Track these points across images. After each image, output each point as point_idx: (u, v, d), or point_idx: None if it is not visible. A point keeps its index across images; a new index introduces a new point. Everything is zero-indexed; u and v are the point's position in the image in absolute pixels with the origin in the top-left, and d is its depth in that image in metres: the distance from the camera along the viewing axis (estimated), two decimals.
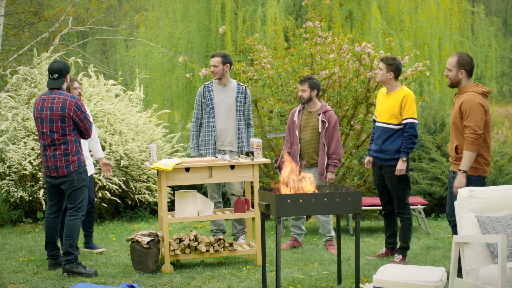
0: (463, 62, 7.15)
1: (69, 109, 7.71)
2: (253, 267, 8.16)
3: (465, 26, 22.54)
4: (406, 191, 8.39)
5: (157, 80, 21.62)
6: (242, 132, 9.34)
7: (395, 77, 8.34)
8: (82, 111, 7.78)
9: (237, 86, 9.37)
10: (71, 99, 7.74)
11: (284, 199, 6.52)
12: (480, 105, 6.98)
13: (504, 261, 5.59)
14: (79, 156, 7.85)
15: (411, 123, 8.18)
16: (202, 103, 9.32)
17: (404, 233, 8.44)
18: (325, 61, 11.00)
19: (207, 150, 9.25)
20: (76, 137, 7.85)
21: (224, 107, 9.28)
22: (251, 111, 9.53)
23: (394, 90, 8.34)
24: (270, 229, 10.93)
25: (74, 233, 7.84)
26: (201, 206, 8.43)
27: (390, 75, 8.33)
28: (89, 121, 7.90)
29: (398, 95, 8.26)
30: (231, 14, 19.33)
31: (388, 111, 8.31)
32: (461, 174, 7.02)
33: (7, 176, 11.20)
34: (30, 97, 11.98)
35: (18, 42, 17.68)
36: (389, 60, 8.34)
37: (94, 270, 7.82)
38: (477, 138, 6.94)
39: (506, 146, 14.21)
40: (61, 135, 7.75)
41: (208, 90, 9.30)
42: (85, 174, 7.92)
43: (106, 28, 19.30)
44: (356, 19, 19.12)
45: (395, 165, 8.26)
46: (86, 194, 7.96)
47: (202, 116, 9.35)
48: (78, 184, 7.86)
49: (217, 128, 9.25)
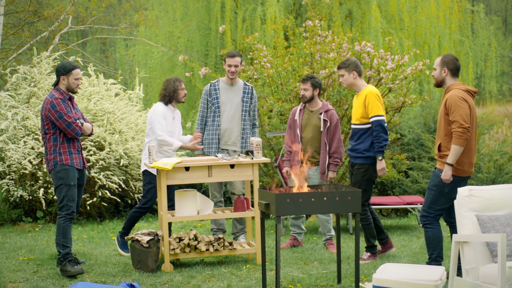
0: (446, 61, 7.24)
1: (45, 108, 7.80)
2: (253, 266, 8.17)
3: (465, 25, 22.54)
4: (367, 192, 8.41)
5: (157, 79, 21.61)
6: (246, 132, 9.34)
7: (358, 75, 8.37)
8: (56, 110, 7.74)
9: (243, 86, 9.37)
10: (49, 98, 7.81)
11: (284, 198, 6.52)
12: (464, 99, 7.03)
13: (504, 260, 5.59)
14: (56, 155, 7.84)
15: (376, 121, 8.22)
16: (208, 102, 9.30)
17: (365, 234, 8.56)
18: (325, 60, 11.00)
19: (210, 149, 9.24)
20: (57, 136, 7.85)
21: (230, 107, 9.27)
22: (256, 111, 9.53)
23: (361, 89, 8.39)
24: (270, 228, 10.93)
25: (59, 231, 7.89)
26: (201, 205, 8.43)
27: (353, 75, 8.34)
28: (66, 120, 7.76)
29: (362, 95, 8.32)
30: (230, 13, 19.32)
31: (356, 112, 8.40)
32: (447, 167, 7.09)
33: (7, 175, 11.20)
34: (30, 96, 11.98)
35: (18, 41, 17.70)
36: (345, 63, 8.37)
37: (79, 269, 7.78)
38: (464, 132, 6.97)
39: (506, 145, 14.18)
40: (44, 134, 7.91)
41: (214, 89, 9.29)
42: (63, 173, 7.87)
43: (105, 27, 19.31)
44: (356, 18, 19.11)
45: (364, 163, 8.34)
46: (66, 193, 7.89)
47: (207, 115, 9.33)
48: (56, 183, 7.93)
49: (222, 127, 9.24)
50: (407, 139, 13.37)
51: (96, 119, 11.80)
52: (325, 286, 7.23)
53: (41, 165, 11.16)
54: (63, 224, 7.89)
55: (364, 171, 8.37)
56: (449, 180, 7.07)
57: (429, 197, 7.32)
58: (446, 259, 8.03)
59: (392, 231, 10.82)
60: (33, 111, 11.63)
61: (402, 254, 8.89)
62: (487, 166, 12.12)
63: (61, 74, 7.91)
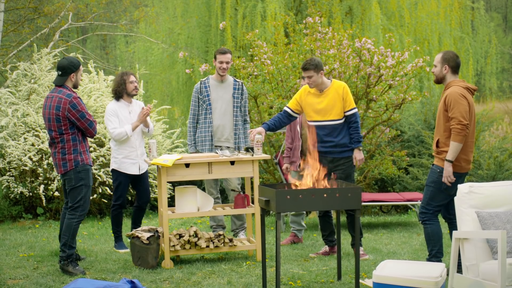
0: (447, 58, 7.24)
1: (63, 109, 7.57)
2: (253, 262, 8.17)
3: (465, 21, 22.50)
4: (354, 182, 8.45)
5: (157, 76, 21.59)
6: (239, 128, 9.34)
7: (323, 74, 8.37)
8: (78, 110, 7.60)
9: (233, 82, 9.37)
10: (66, 97, 7.59)
11: (284, 195, 6.52)
12: (463, 96, 7.04)
13: (504, 256, 5.60)
14: (77, 155, 7.70)
15: (356, 113, 8.34)
16: (199, 100, 9.32)
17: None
18: (325, 57, 11.00)
19: (203, 146, 9.25)
20: (76, 135, 7.70)
21: (221, 103, 9.27)
22: (247, 107, 9.53)
23: (328, 86, 8.36)
24: (270, 225, 10.93)
25: (69, 232, 7.73)
26: (201, 202, 8.43)
27: (320, 75, 8.30)
28: (88, 119, 7.69)
29: (335, 90, 8.30)
30: (231, 9, 19.29)
31: (333, 108, 8.30)
32: (447, 164, 7.08)
33: (7, 172, 11.21)
34: (30, 93, 11.98)
35: (18, 38, 17.69)
36: (311, 64, 8.23)
37: (81, 270, 7.72)
38: (463, 129, 6.98)
39: (506, 142, 14.20)
40: (58, 134, 7.66)
41: (205, 87, 9.30)
42: (84, 173, 7.76)
43: (106, 23, 19.28)
44: (356, 14, 19.09)
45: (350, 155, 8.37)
46: (85, 194, 7.79)
47: (199, 113, 9.35)
48: (76, 183, 7.74)
49: (214, 124, 9.25)
50: (407, 135, 13.38)
51: (96, 115, 11.79)
52: (325, 283, 7.23)
53: (41, 162, 11.16)
54: (75, 225, 7.76)
55: (352, 163, 8.39)
56: (451, 177, 7.07)
57: (428, 194, 7.32)
58: (446, 255, 8.03)
59: (392, 227, 10.83)
60: (34, 107, 11.63)
61: (402, 251, 8.89)
62: (487, 163, 12.13)
63: (71, 72, 7.72)
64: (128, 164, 8.94)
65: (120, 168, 8.92)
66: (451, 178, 7.09)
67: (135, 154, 8.96)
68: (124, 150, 8.92)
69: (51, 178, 11.15)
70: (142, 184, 9.12)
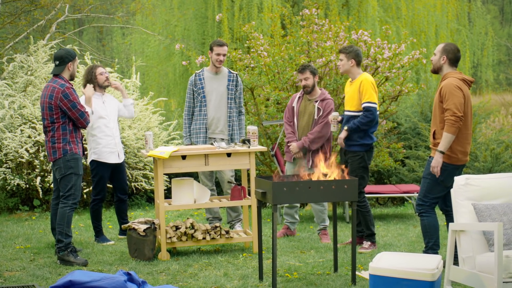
0: (447, 49, 7.27)
1: (56, 97, 7.70)
2: (249, 254, 8.18)
3: (462, 14, 22.48)
4: (364, 179, 8.45)
5: (154, 68, 21.55)
6: (233, 120, 9.35)
7: (356, 64, 8.42)
8: (70, 100, 7.72)
9: (228, 74, 9.37)
10: (59, 87, 7.73)
11: (281, 187, 6.53)
12: (459, 88, 7.05)
13: (501, 249, 5.61)
14: (66, 144, 7.80)
15: (368, 107, 8.26)
16: (193, 92, 9.32)
17: (365, 221, 8.58)
18: (322, 49, 10.98)
19: (198, 138, 9.26)
20: (66, 125, 7.80)
21: (216, 95, 9.28)
22: (242, 98, 9.54)
23: (356, 77, 8.40)
24: (266, 217, 10.94)
25: (63, 220, 7.81)
26: (197, 194, 8.44)
27: (351, 63, 8.39)
28: (79, 109, 7.80)
29: (357, 82, 8.35)
30: (227, 1, 19.25)
31: (351, 99, 8.40)
32: (438, 154, 7.09)
33: (4, 164, 11.20)
34: (27, 85, 11.97)
35: (15, 30, 17.63)
36: (347, 49, 8.44)
37: (84, 260, 7.76)
38: (456, 121, 6.99)
39: (502, 134, 14.21)
40: (49, 122, 7.79)
41: (199, 79, 9.30)
42: (73, 162, 7.85)
43: (102, 15, 19.23)
44: (353, 6, 19.08)
45: (359, 150, 8.39)
46: (75, 182, 7.88)
47: (194, 105, 9.35)
48: (66, 172, 7.85)
49: (209, 116, 9.26)
50: (403, 128, 13.38)
51: None
52: (322, 275, 7.24)
53: (38, 154, 11.15)
54: (69, 213, 7.85)
55: (359, 159, 8.39)
56: (438, 167, 7.07)
57: (424, 186, 7.33)
58: (443, 247, 8.05)
59: (389, 219, 10.84)
60: (30, 99, 11.62)
61: (399, 243, 8.90)
62: (484, 155, 12.13)
63: (69, 61, 7.87)
64: (108, 154, 8.95)
65: (100, 158, 8.93)
66: (437, 169, 7.09)
67: (114, 143, 8.99)
68: (102, 140, 8.92)
69: (48, 170, 11.15)
70: (120, 174, 9.15)
